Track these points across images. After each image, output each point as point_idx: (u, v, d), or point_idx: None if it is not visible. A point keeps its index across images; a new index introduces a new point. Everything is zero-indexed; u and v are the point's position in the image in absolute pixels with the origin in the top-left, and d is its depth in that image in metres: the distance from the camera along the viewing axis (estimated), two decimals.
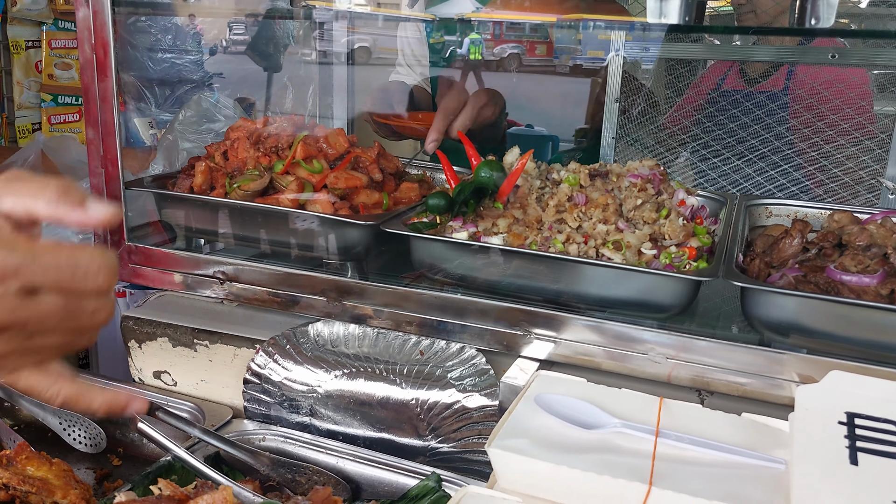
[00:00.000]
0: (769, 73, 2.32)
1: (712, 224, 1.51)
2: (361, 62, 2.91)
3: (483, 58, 2.49)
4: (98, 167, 1.58)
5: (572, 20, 2.00)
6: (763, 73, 2.34)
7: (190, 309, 1.63)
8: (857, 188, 2.01)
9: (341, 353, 1.46)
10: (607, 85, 2.08)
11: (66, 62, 2.88)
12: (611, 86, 2.08)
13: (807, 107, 2.06)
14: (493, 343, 1.38)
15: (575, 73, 2.78)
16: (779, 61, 2.23)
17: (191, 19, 3.45)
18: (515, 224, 1.41)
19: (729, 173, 2.10)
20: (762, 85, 2.32)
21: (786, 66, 2.23)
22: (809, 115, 2.05)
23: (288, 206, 1.50)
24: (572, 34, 2.84)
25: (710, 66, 2.55)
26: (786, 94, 2.18)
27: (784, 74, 2.28)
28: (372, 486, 1.34)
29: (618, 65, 2.05)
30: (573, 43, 3.07)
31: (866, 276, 1.20)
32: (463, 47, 2.54)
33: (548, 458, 1.04)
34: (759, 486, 1.02)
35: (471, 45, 2.54)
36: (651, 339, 1.28)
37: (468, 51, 2.54)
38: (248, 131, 1.66)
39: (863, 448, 0.97)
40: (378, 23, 3.07)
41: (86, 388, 0.82)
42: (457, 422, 1.36)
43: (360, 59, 2.93)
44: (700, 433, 1.11)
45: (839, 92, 2.05)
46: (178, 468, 1.32)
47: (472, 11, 2.22)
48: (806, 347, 1.22)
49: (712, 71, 2.56)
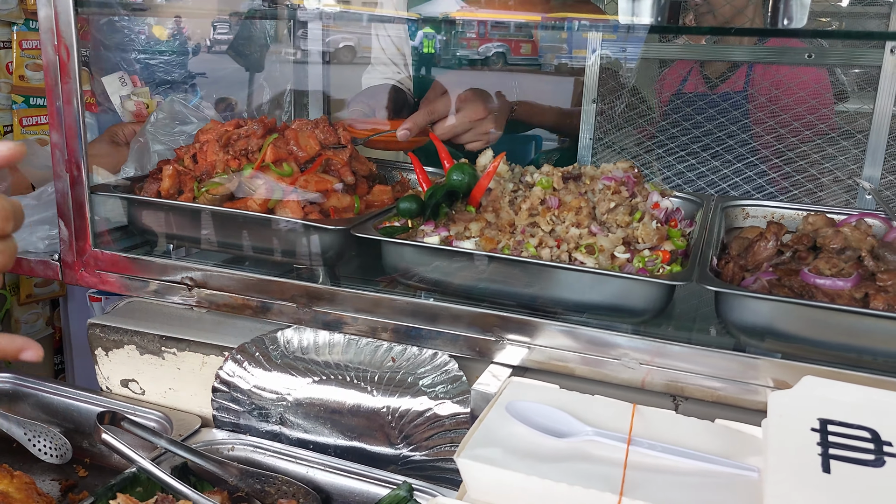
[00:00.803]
0: (734, 74, 2.32)
1: (688, 226, 1.49)
2: (346, 61, 2.88)
3: (437, 52, 2.47)
4: (63, 171, 1.54)
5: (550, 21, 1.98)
6: (721, 76, 2.34)
7: (158, 316, 1.60)
8: (833, 188, 2.00)
9: (311, 361, 1.43)
10: (584, 85, 2.06)
11: (38, 63, 2.83)
12: (588, 86, 2.06)
13: (783, 107, 2.05)
14: (466, 349, 1.35)
15: (556, 72, 2.76)
16: (754, 61, 2.22)
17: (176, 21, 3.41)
18: (488, 228, 1.39)
19: (707, 174, 2.08)
20: (734, 85, 2.32)
21: (761, 65, 2.22)
22: (787, 115, 2.04)
23: (257, 210, 1.47)
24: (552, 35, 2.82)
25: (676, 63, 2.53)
26: (762, 95, 2.18)
27: (760, 75, 2.27)
28: (342, 495, 1.32)
29: (594, 65, 2.03)
30: (555, 42, 3.05)
31: (840, 280, 1.18)
32: (416, 40, 2.51)
33: (518, 468, 1.02)
34: (732, 494, 1.01)
35: (424, 38, 2.51)
36: (625, 344, 1.26)
37: (421, 44, 2.51)
38: (218, 134, 1.63)
39: (835, 455, 0.96)
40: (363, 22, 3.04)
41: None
42: (429, 430, 1.34)
43: (345, 59, 2.90)
44: (673, 440, 1.09)
45: (815, 92, 2.04)
46: (143, 480, 1.29)
47: (455, 10, 2.19)
48: (780, 352, 1.20)
49: (681, 69, 2.55)
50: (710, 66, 2.37)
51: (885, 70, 1.81)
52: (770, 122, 2.07)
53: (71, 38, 1.47)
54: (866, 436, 0.99)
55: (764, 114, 2.08)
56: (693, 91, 2.34)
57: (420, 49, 2.46)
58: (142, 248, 1.63)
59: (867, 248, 1.24)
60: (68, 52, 1.48)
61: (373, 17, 2.45)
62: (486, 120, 1.85)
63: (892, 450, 0.97)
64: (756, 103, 2.13)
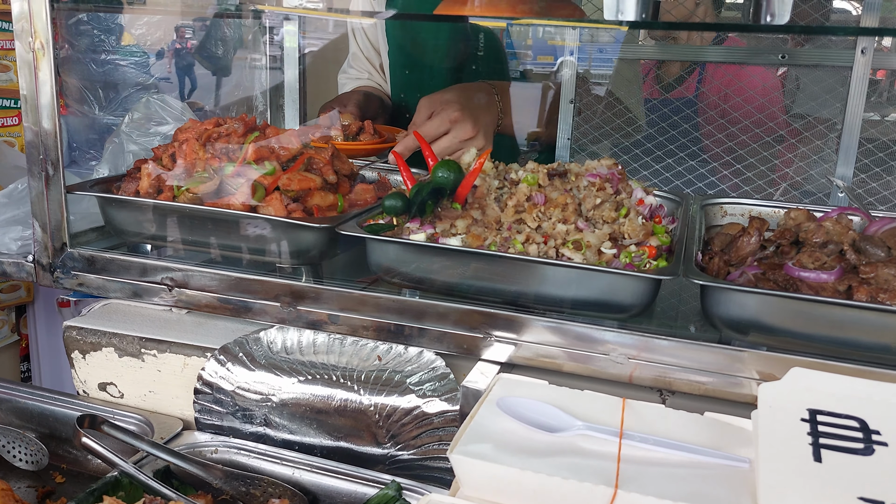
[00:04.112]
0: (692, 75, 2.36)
1: (670, 223, 1.51)
2: (320, 63, 2.87)
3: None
4: (37, 170, 1.51)
5: (527, 22, 1.99)
6: (677, 78, 2.38)
7: (137, 317, 1.56)
8: (807, 187, 2.04)
9: (296, 360, 1.41)
10: (562, 86, 2.08)
11: (5, 64, 2.77)
12: (565, 87, 2.07)
13: (758, 107, 2.09)
14: (453, 347, 1.35)
15: (528, 75, 2.78)
16: (730, 62, 2.25)
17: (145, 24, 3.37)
18: (474, 225, 1.39)
19: (683, 173, 2.11)
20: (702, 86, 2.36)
21: (737, 66, 2.26)
22: (761, 115, 2.07)
23: (239, 209, 1.45)
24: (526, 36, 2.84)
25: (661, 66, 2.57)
26: (737, 96, 2.21)
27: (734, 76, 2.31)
28: (329, 496, 1.30)
29: (572, 66, 2.04)
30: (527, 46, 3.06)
31: (824, 273, 1.20)
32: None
33: (512, 463, 1.01)
34: (725, 485, 1.01)
35: (401, 38, 2.52)
36: (612, 339, 1.26)
37: (397, 45, 2.53)
38: (198, 132, 1.61)
39: (826, 445, 0.97)
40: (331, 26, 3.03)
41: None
42: (417, 428, 1.33)
43: (319, 60, 2.89)
44: (664, 434, 1.10)
45: (789, 93, 2.08)
46: (125, 484, 1.26)
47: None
48: (766, 345, 1.22)
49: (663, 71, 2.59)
50: (670, 66, 2.41)
51: (855, 71, 1.85)
52: (723, 122, 2.10)
53: (46, 33, 1.44)
54: (855, 425, 1.00)
55: (717, 115, 2.12)
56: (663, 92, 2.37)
57: (396, 50, 2.46)
58: (119, 249, 1.60)
59: (849, 242, 1.26)
60: (44, 49, 1.45)
61: (348, 16, 2.44)
62: (476, 138, 1.87)
63: (881, 438, 0.98)
64: (708, 104, 2.16)
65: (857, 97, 1.86)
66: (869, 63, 1.84)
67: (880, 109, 2.08)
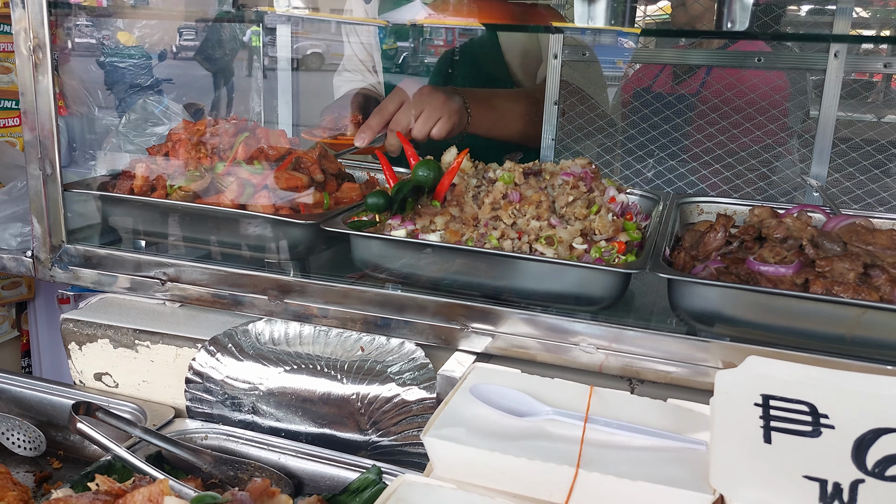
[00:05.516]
0: (694, 76, 2.41)
1: (643, 220, 1.56)
2: (314, 68, 2.92)
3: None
4: (36, 168, 1.57)
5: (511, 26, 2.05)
6: (685, 76, 2.43)
7: (131, 310, 1.63)
8: (784, 186, 2.10)
9: (283, 351, 1.48)
10: (546, 88, 2.13)
11: (6, 66, 2.83)
12: (549, 88, 2.13)
13: (735, 108, 2.14)
14: (433, 338, 1.41)
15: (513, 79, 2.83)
16: (708, 65, 2.31)
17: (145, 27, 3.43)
18: (452, 221, 1.45)
19: (664, 173, 2.17)
20: (689, 87, 2.41)
21: (713, 68, 2.31)
22: (738, 115, 2.13)
23: (229, 206, 1.52)
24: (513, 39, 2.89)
25: (639, 67, 2.62)
26: (715, 97, 2.27)
27: (716, 78, 2.36)
28: (314, 480, 1.36)
29: (555, 68, 2.10)
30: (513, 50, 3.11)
31: (783, 267, 1.26)
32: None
33: (481, 446, 1.07)
34: (682, 466, 1.07)
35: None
36: (583, 330, 1.32)
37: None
38: (190, 133, 1.67)
39: (776, 427, 1.03)
40: (331, 28, 3.08)
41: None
42: (397, 415, 1.39)
43: (313, 65, 2.94)
44: (628, 419, 1.15)
45: (764, 94, 2.14)
46: (118, 468, 1.32)
47: (424, 17, 2.24)
48: (729, 336, 1.28)
49: (643, 73, 2.64)
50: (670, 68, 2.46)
51: (829, 74, 1.91)
52: (723, 123, 2.15)
53: (44, 36, 1.51)
54: (805, 409, 1.06)
55: (718, 115, 2.17)
56: (661, 89, 2.43)
57: (389, 53, 2.52)
58: (115, 245, 1.66)
59: (807, 237, 1.31)
60: (43, 51, 1.51)
61: (342, 22, 2.50)
62: (437, 106, 1.90)
63: (829, 421, 1.04)
64: (709, 105, 2.21)
65: (831, 98, 1.92)
66: (842, 66, 1.90)
67: (856, 110, 2.13)
